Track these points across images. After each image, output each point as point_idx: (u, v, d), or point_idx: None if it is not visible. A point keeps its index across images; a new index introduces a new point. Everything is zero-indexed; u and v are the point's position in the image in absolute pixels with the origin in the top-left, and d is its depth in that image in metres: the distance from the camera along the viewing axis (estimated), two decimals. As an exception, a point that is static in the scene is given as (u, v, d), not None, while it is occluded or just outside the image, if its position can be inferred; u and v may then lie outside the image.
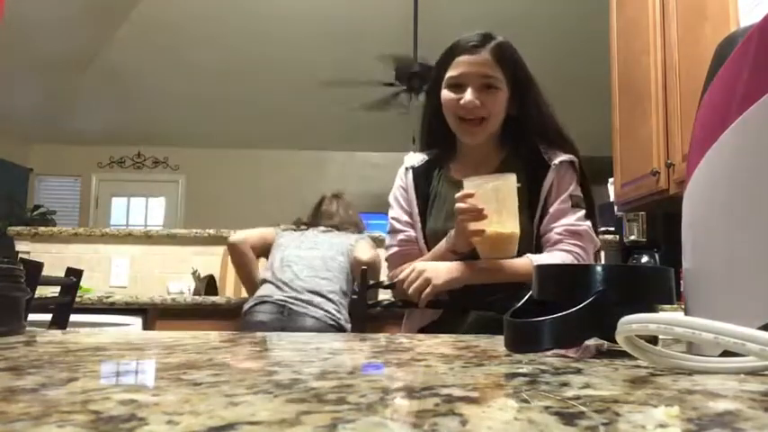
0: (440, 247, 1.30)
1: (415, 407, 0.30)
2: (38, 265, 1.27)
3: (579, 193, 1.34)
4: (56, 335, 0.74)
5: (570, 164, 1.33)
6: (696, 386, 0.36)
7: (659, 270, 0.58)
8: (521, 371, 0.44)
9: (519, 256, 1.25)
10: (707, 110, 0.55)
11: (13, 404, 0.30)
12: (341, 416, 0.27)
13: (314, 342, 0.65)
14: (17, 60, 5.36)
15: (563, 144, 1.35)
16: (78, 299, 1.90)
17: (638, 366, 0.45)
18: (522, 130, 1.36)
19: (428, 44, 4.89)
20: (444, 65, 1.33)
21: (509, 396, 0.34)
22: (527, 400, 0.32)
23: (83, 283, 1.89)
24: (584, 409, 0.29)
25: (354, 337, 0.76)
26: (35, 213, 6.56)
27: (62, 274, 1.69)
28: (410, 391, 0.35)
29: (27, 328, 0.72)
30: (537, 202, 1.31)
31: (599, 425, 0.26)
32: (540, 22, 5.21)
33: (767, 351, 0.35)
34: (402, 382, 0.41)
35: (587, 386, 0.36)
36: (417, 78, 5.05)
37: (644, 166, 2.59)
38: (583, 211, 1.32)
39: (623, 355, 0.48)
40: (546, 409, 0.29)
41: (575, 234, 1.29)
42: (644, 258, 2.72)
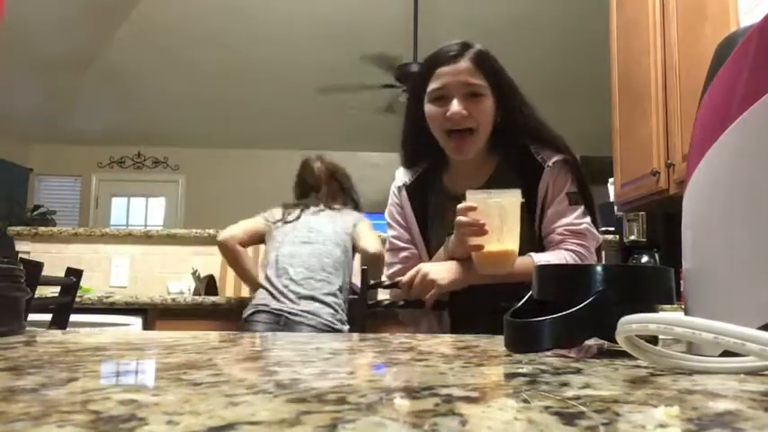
0: (439, 254, 1.31)
1: (415, 407, 0.30)
2: (38, 265, 1.27)
3: (575, 190, 1.32)
4: (56, 335, 0.74)
5: (564, 162, 1.32)
6: (696, 386, 0.36)
7: (659, 270, 0.58)
8: (521, 371, 0.44)
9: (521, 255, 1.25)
10: (707, 110, 0.55)
11: (13, 404, 0.30)
12: (341, 416, 0.27)
13: (314, 342, 0.65)
14: (17, 60, 5.36)
15: (553, 142, 1.33)
16: (78, 299, 1.90)
17: (638, 366, 0.45)
18: (511, 136, 1.34)
19: (428, 46, 4.89)
20: (425, 78, 1.31)
21: (509, 396, 0.34)
22: (527, 400, 0.32)
23: (83, 283, 1.89)
24: (584, 409, 0.29)
25: (354, 337, 0.76)
26: (35, 213, 6.56)
27: (62, 274, 1.70)
28: (410, 391, 0.35)
29: (27, 328, 0.72)
30: (535, 204, 1.31)
31: (599, 425, 0.26)
32: (540, 23, 5.21)
33: (767, 351, 0.35)
34: (402, 382, 0.41)
35: (587, 386, 0.36)
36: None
37: (644, 166, 2.59)
38: (582, 208, 1.32)
39: (623, 355, 0.48)
40: (546, 409, 0.29)
41: (576, 233, 1.29)
42: (644, 258, 2.72)
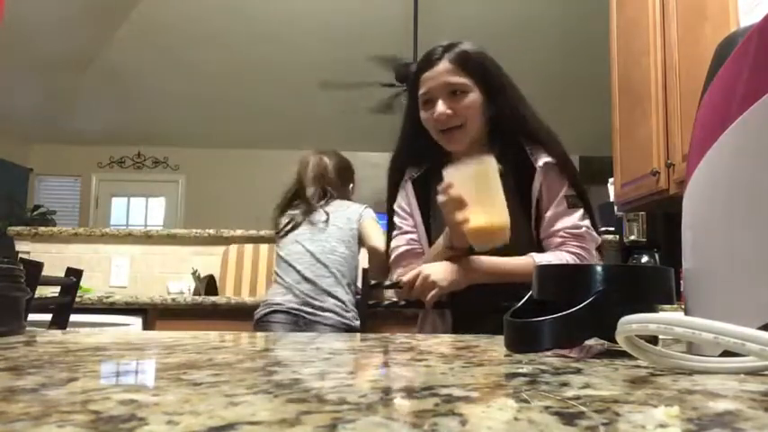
0: (437, 245, 1.30)
1: (415, 407, 0.30)
2: (38, 265, 1.27)
3: (573, 193, 1.33)
4: (56, 335, 0.74)
5: (555, 164, 1.31)
6: (696, 386, 0.36)
7: (659, 270, 0.58)
8: (521, 371, 0.44)
9: (523, 254, 1.26)
10: (707, 110, 0.55)
11: (13, 404, 0.30)
12: (341, 416, 0.27)
13: (314, 342, 0.65)
14: (17, 60, 5.36)
15: (547, 143, 1.33)
16: (78, 299, 1.90)
17: (638, 366, 0.45)
18: (507, 132, 1.34)
19: (428, 46, 4.88)
20: (414, 85, 1.36)
21: (509, 396, 0.34)
22: (527, 400, 0.32)
23: (83, 283, 1.89)
24: (584, 409, 0.29)
25: (354, 337, 0.76)
26: (35, 213, 6.56)
27: (62, 274, 1.69)
28: (410, 391, 0.35)
29: (27, 328, 0.72)
30: (529, 205, 1.31)
31: (599, 425, 0.26)
32: (540, 23, 5.21)
33: (767, 351, 0.35)
34: (402, 382, 0.41)
35: (587, 386, 0.36)
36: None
37: (644, 166, 2.59)
38: (580, 211, 1.32)
39: (623, 355, 0.48)
40: (546, 409, 0.29)
41: (576, 236, 1.29)
42: (644, 258, 2.72)
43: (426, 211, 1.41)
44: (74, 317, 1.71)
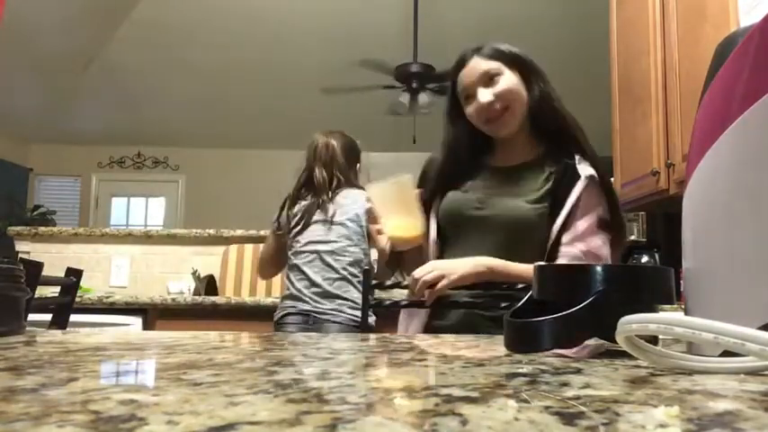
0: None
1: (415, 407, 0.30)
2: (38, 265, 1.27)
3: (607, 216, 1.33)
4: (56, 335, 0.74)
5: (599, 179, 1.33)
6: (696, 386, 0.36)
7: (659, 270, 0.58)
8: (521, 371, 0.44)
9: (532, 253, 1.26)
10: (707, 110, 0.55)
11: (13, 404, 0.30)
12: (341, 416, 0.27)
13: (314, 342, 0.65)
14: (17, 60, 5.35)
15: (593, 158, 1.36)
16: (78, 299, 1.90)
17: (638, 366, 0.45)
18: (553, 131, 1.37)
19: (428, 48, 4.88)
20: (454, 84, 1.42)
21: (509, 396, 0.34)
22: (527, 400, 0.32)
23: (83, 283, 1.89)
24: (584, 409, 0.29)
25: (355, 337, 0.76)
26: (35, 213, 6.56)
27: (62, 274, 1.69)
28: (410, 391, 0.35)
29: (27, 328, 0.72)
30: (560, 208, 1.30)
31: (599, 425, 0.26)
32: (540, 24, 5.20)
33: (767, 351, 0.35)
34: (402, 382, 0.41)
35: (587, 386, 0.36)
36: (417, 79, 5.04)
37: (644, 166, 2.59)
38: (608, 237, 1.32)
39: (623, 355, 0.48)
40: (546, 409, 0.29)
41: (597, 258, 1.29)
42: (644, 258, 2.72)
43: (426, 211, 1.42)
44: (74, 317, 1.71)
